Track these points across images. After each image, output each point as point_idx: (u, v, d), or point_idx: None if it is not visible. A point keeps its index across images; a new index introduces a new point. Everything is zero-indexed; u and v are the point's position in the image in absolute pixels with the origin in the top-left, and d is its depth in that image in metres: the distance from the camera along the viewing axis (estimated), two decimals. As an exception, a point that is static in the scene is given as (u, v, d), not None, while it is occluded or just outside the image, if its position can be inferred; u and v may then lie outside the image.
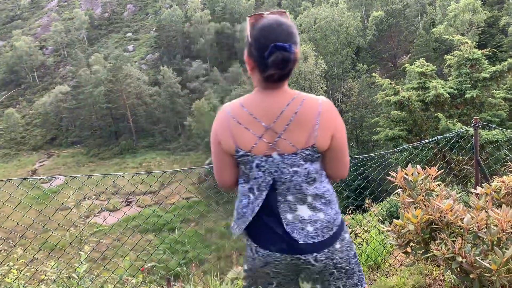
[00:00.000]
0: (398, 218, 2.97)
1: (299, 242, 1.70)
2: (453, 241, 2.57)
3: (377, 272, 3.55)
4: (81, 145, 61.70)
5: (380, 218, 3.74)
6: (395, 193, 3.24)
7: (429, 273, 3.33)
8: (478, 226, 2.60)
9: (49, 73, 79.79)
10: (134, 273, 3.76)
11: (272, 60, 1.55)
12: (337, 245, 1.73)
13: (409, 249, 2.97)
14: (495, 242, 2.50)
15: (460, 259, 2.45)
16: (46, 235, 3.46)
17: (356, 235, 4.05)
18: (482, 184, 3.32)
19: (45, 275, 3.29)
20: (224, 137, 1.70)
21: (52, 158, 60.71)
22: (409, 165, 3.23)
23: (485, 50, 11.71)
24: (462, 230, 2.67)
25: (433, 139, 3.61)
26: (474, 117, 3.58)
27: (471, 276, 2.40)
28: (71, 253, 3.49)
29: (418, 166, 3.27)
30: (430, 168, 3.28)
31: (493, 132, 8.40)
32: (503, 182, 3.13)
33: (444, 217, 2.80)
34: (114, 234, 4.35)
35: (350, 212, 4.50)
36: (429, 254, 2.76)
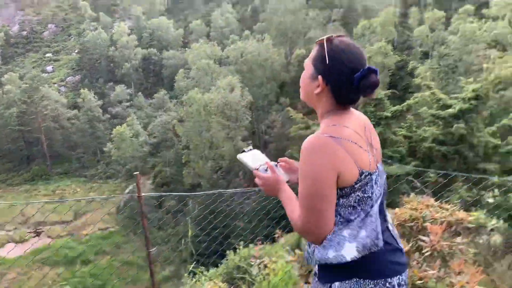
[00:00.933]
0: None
1: (403, 251, 1.70)
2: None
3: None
4: (-13, 170, 56.58)
5: (288, 248, 3.85)
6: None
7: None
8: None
9: (-47, 90, 73.06)
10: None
11: (366, 83, 1.54)
12: None
13: (311, 279, 3.09)
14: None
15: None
16: None
17: (265, 266, 4.10)
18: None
19: None
20: (345, 165, 1.54)
21: (-48, 183, 54.88)
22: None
23: (388, 91, 12.83)
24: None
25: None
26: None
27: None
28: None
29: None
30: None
31: (394, 166, 9.15)
32: (396, 213, 3.41)
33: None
34: (18, 267, 4.01)
35: (260, 242, 4.59)
36: (328, 284, 2.89)
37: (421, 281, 2.90)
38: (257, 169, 1.79)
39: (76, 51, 77.33)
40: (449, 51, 37.94)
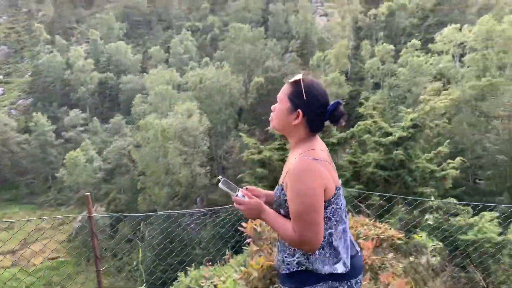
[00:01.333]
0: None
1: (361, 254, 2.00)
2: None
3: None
4: None
5: (237, 268, 4.05)
6: (245, 243, 3.59)
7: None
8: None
9: None
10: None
11: (337, 114, 1.87)
12: None
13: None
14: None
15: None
16: None
17: (215, 286, 4.26)
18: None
19: None
20: (329, 182, 1.82)
21: None
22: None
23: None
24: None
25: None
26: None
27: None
28: None
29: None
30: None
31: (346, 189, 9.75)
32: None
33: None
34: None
35: (210, 263, 4.75)
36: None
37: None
38: (237, 195, 1.97)
39: (29, 73, 75.09)
40: (398, 82, 39.98)
